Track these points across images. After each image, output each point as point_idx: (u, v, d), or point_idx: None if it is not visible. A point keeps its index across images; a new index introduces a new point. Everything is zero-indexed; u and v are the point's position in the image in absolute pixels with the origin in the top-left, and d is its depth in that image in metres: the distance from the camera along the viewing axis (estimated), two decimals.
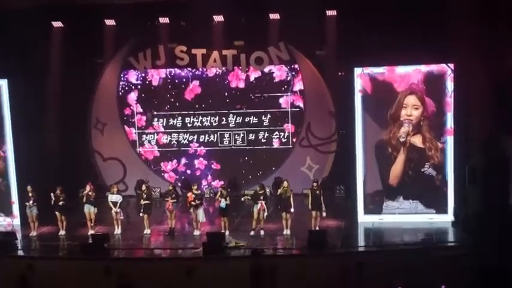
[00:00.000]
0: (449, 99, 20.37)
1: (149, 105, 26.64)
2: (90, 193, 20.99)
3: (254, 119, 26.13)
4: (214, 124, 26.42)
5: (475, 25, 20.02)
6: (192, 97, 26.34)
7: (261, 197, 20.30)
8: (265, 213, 20.28)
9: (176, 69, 26.12)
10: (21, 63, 22.49)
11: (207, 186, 26.43)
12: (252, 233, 20.28)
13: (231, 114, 26.26)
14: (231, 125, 26.34)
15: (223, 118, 26.32)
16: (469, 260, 16.83)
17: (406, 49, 20.11)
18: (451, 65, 20.28)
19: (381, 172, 21.06)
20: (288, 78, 25.77)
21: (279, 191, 20.43)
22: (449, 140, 20.60)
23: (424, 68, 20.43)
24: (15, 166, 22.56)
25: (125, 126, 26.91)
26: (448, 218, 20.59)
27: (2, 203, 22.75)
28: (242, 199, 24.84)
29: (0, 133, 22.60)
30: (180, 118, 26.59)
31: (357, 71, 20.82)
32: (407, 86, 20.49)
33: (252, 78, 25.92)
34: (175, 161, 26.96)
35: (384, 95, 20.75)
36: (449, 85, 20.30)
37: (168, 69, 26.18)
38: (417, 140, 20.73)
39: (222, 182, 25.35)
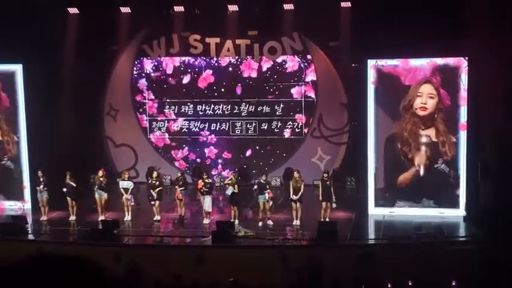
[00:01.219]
0: (464, 93, 20.21)
1: (162, 93, 26.62)
2: (102, 179, 21.04)
3: (267, 108, 26.05)
4: (226, 113, 26.38)
5: (488, 19, 19.86)
6: (205, 85, 26.29)
7: (267, 186, 20.25)
8: (271, 203, 20.21)
9: (190, 57, 26.08)
10: (37, 49, 22.49)
11: (217, 175, 26.37)
12: (260, 223, 20.26)
13: (243, 103, 26.20)
14: (243, 114, 26.29)
15: (236, 107, 26.27)
16: (480, 255, 16.76)
17: (420, 42, 19.96)
18: (466, 58, 20.14)
19: (386, 169, 20.92)
20: (300, 69, 25.68)
21: (290, 186, 20.32)
22: (463, 134, 20.42)
23: (439, 61, 20.28)
24: (28, 151, 22.66)
25: (137, 114, 26.93)
26: (459, 212, 20.39)
27: (14, 187, 22.87)
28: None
29: (14, 118, 22.69)
30: (191, 106, 26.54)
31: (370, 62, 20.69)
32: (420, 77, 20.32)
33: (264, 68, 25.83)
34: (186, 148, 26.95)
35: (393, 88, 20.61)
36: (464, 78, 20.12)
37: (181, 58, 26.15)
38: (431, 133, 20.57)
39: (233, 171, 25.27)
